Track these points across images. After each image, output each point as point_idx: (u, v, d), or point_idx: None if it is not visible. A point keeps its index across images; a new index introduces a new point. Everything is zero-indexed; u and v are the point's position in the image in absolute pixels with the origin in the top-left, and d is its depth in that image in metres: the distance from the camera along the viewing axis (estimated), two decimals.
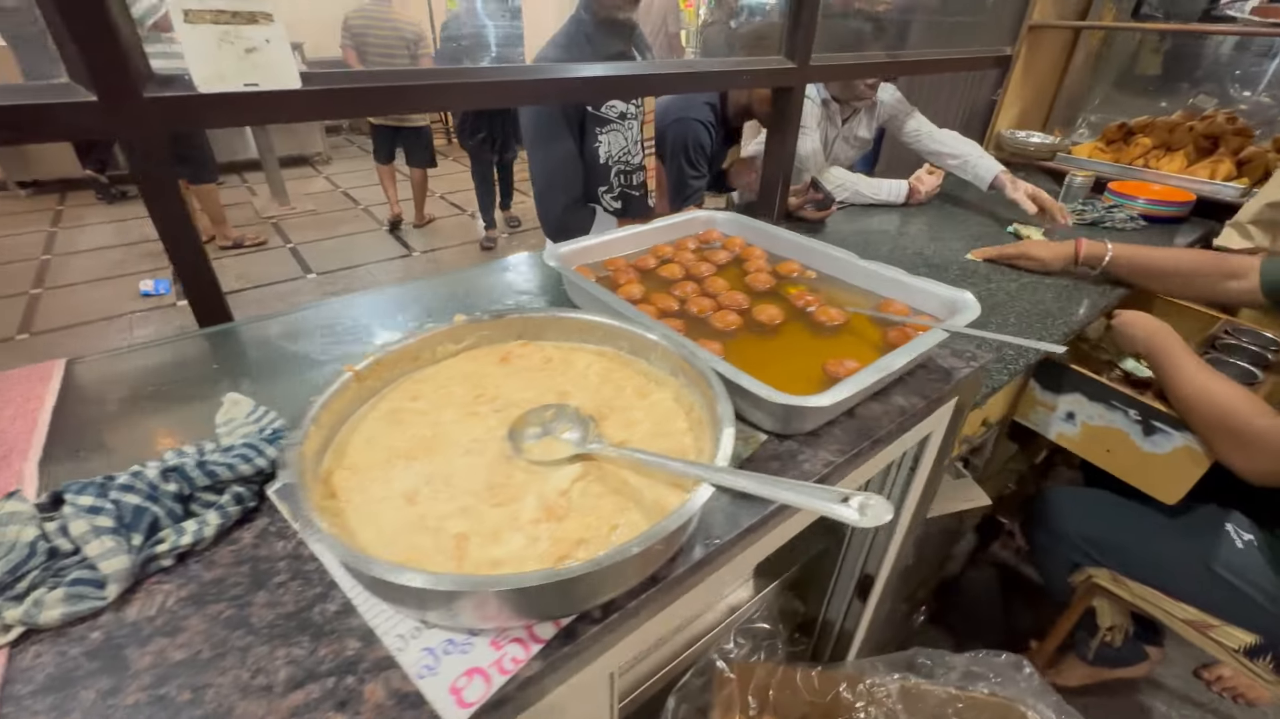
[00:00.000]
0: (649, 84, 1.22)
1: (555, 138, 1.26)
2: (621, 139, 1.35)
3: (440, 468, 0.49)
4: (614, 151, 1.35)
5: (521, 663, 0.39)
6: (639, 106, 1.38)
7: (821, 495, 0.40)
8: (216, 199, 3.90)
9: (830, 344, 0.71)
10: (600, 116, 1.29)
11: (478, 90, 0.96)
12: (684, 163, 1.67)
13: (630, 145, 1.38)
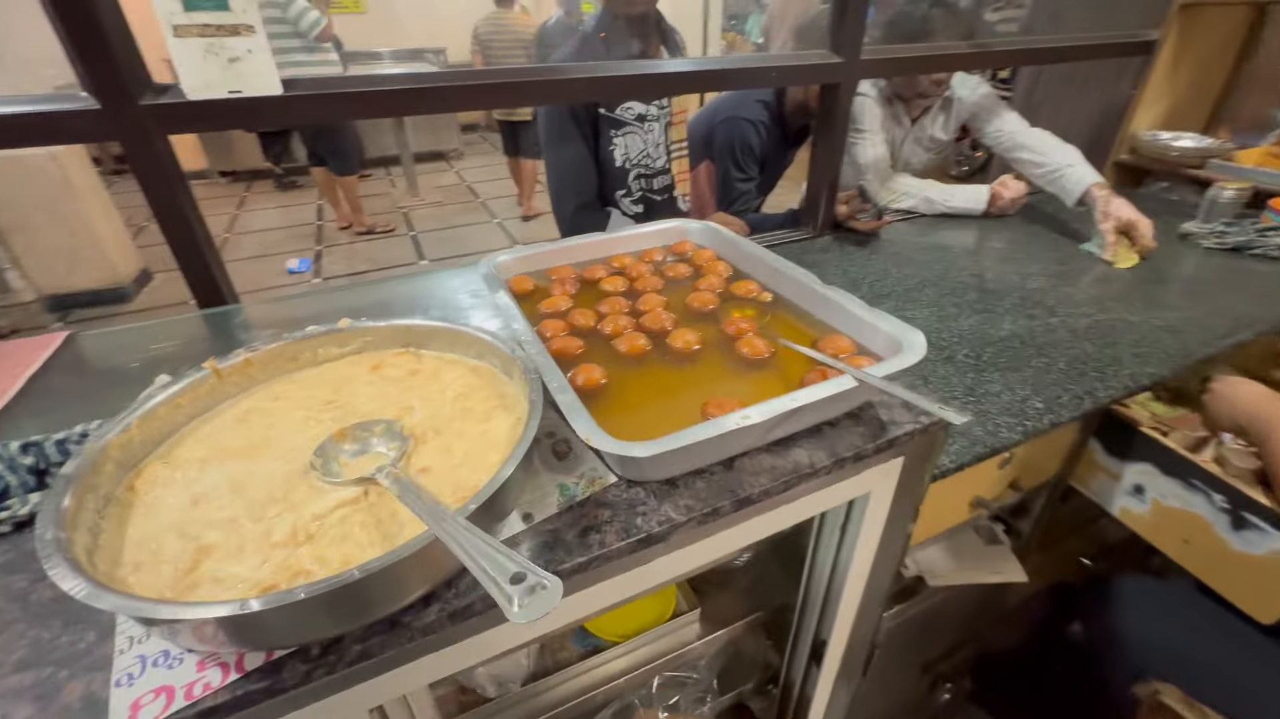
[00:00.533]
0: (665, 84, 1.16)
1: (565, 140, 1.25)
2: (640, 142, 1.30)
3: (244, 473, 0.49)
4: (632, 155, 1.31)
5: (211, 690, 0.38)
6: (663, 108, 1.32)
7: (494, 559, 0.34)
8: (356, 190, 4.39)
9: (735, 380, 0.62)
10: (614, 119, 1.26)
11: (467, 93, 0.97)
12: (731, 164, 1.58)
13: (651, 149, 1.32)
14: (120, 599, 0.35)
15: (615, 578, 0.51)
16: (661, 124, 1.31)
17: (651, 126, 1.30)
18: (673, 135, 1.36)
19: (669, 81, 1.15)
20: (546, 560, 0.46)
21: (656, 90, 1.22)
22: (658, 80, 1.12)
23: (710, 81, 1.19)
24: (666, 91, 1.28)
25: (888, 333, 0.62)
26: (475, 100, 0.96)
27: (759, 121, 1.55)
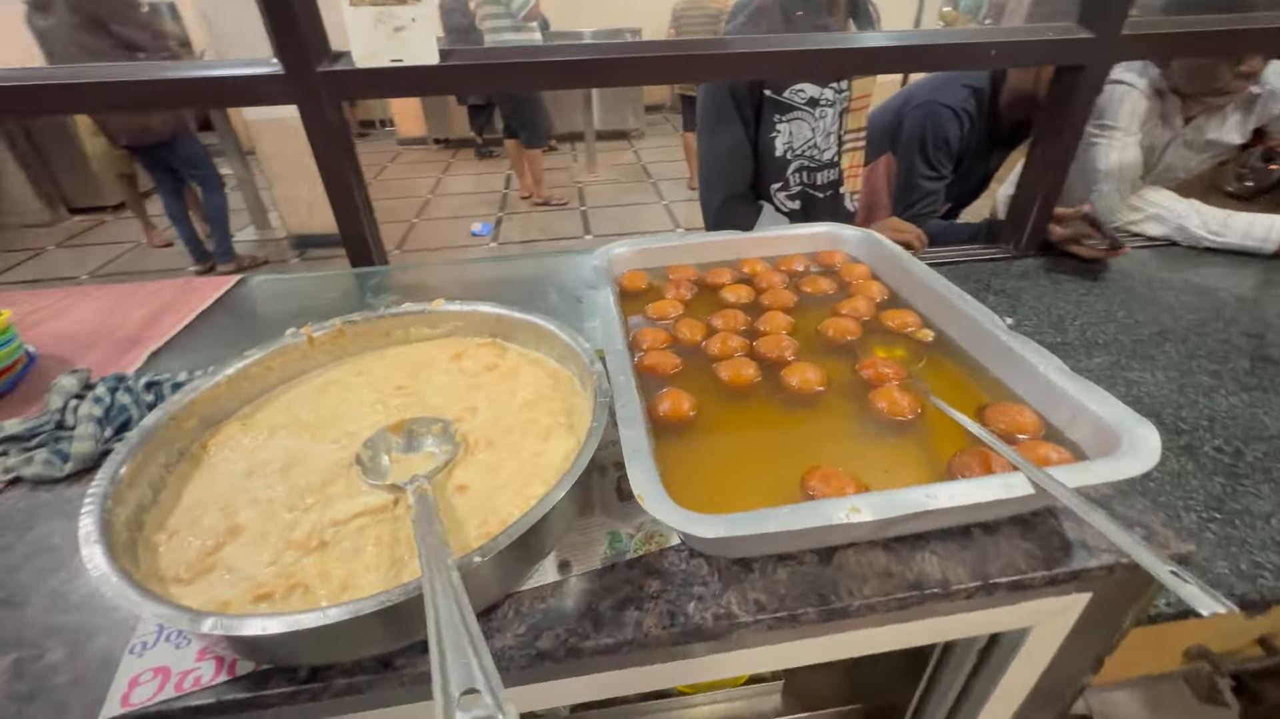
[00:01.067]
0: (843, 61, 0.99)
1: (722, 123, 1.13)
2: (808, 129, 1.14)
3: (301, 452, 0.48)
4: (796, 144, 1.15)
5: (199, 686, 0.36)
6: (841, 92, 1.13)
7: (460, 649, 0.26)
8: (540, 163, 4.65)
9: (860, 443, 0.48)
10: (782, 102, 1.11)
11: (606, 67, 0.90)
12: (917, 157, 1.34)
13: (820, 138, 1.15)
14: (121, 585, 0.33)
15: (651, 666, 0.41)
16: (836, 110, 1.14)
17: (824, 113, 1.13)
18: (849, 124, 1.18)
19: (849, 59, 0.98)
20: (564, 631, 0.38)
21: (831, 68, 1.05)
22: (834, 57, 0.96)
23: (903, 60, 0.99)
24: (843, 70, 1.10)
25: (1098, 417, 0.43)
26: (615, 76, 0.89)
27: (962, 110, 1.29)
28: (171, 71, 0.84)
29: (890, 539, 0.44)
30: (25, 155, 4.32)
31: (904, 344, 0.60)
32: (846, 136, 1.19)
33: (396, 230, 4.41)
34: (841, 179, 1.23)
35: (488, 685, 0.25)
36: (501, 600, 0.40)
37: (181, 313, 0.80)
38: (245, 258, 3.85)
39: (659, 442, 0.48)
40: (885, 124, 1.45)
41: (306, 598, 0.36)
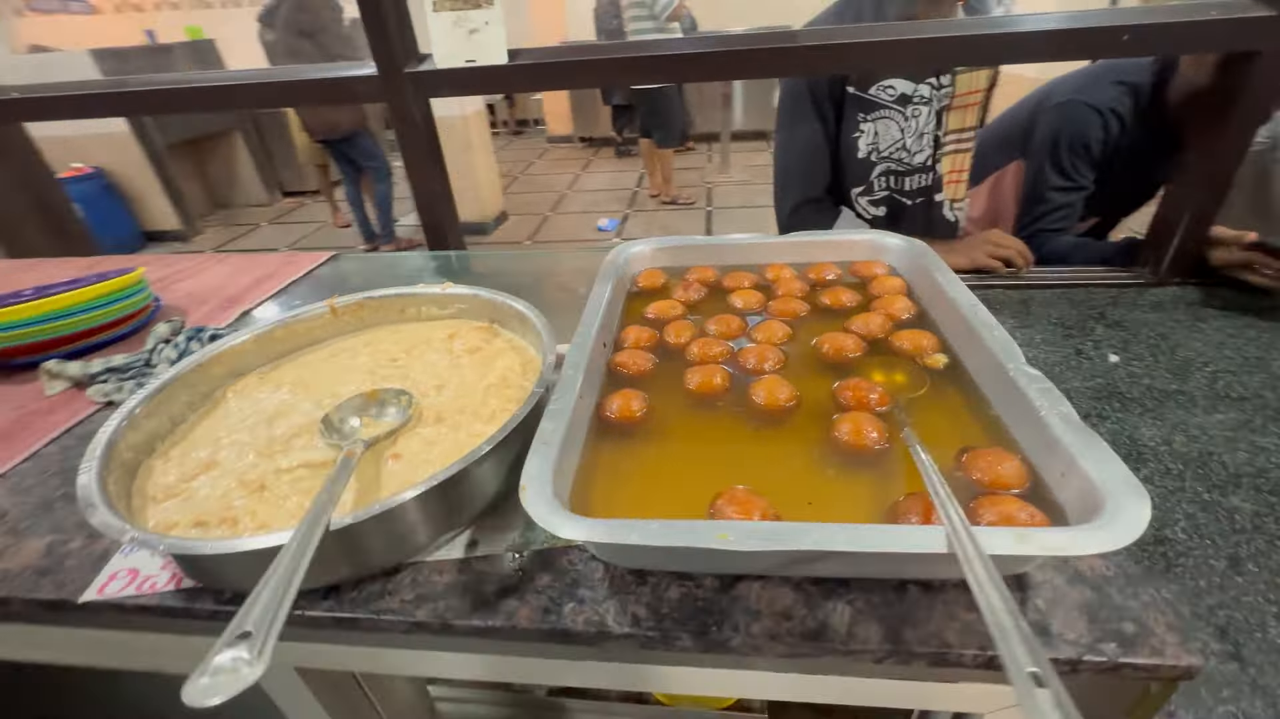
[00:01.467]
0: (933, 51, 0.88)
1: (797, 122, 1.06)
2: (896, 130, 1.03)
3: (289, 406, 0.54)
4: (882, 145, 1.05)
5: (154, 590, 0.43)
6: (940, 88, 1.01)
7: (274, 595, 0.28)
8: (670, 162, 4.71)
9: (807, 471, 0.44)
10: (866, 99, 1.01)
11: (646, 65, 0.89)
12: (1048, 164, 1.17)
13: (911, 139, 1.04)
14: (99, 513, 0.40)
15: (524, 658, 0.41)
16: (932, 109, 1.02)
17: (917, 111, 1.02)
18: (950, 123, 1.05)
19: (938, 49, 0.86)
20: (443, 607, 0.39)
21: (912, 60, 0.92)
22: (918, 48, 0.85)
23: (1002, 49, 0.86)
24: (932, 62, 0.97)
25: (1087, 475, 0.35)
26: (677, 72, 0.88)
27: (1110, 110, 1.10)
28: (294, 75, 0.98)
29: (807, 579, 0.39)
30: (255, 149, 5.26)
31: (908, 369, 0.53)
32: (947, 138, 1.07)
33: (531, 223, 4.71)
34: (938, 185, 1.10)
35: (265, 630, 0.27)
36: (403, 566, 0.42)
37: (278, 281, 0.93)
38: (404, 240, 4.36)
39: (602, 440, 0.47)
40: (1017, 126, 1.28)
41: (231, 530, 0.41)
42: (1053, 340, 0.83)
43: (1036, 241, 1.20)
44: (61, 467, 0.56)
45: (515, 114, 7.59)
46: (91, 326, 0.71)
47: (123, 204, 4.54)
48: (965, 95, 1.05)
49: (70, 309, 0.69)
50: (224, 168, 5.37)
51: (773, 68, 0.92)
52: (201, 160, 5.23)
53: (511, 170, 6.04)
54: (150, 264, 0.98)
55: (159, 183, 4.57)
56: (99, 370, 0.66)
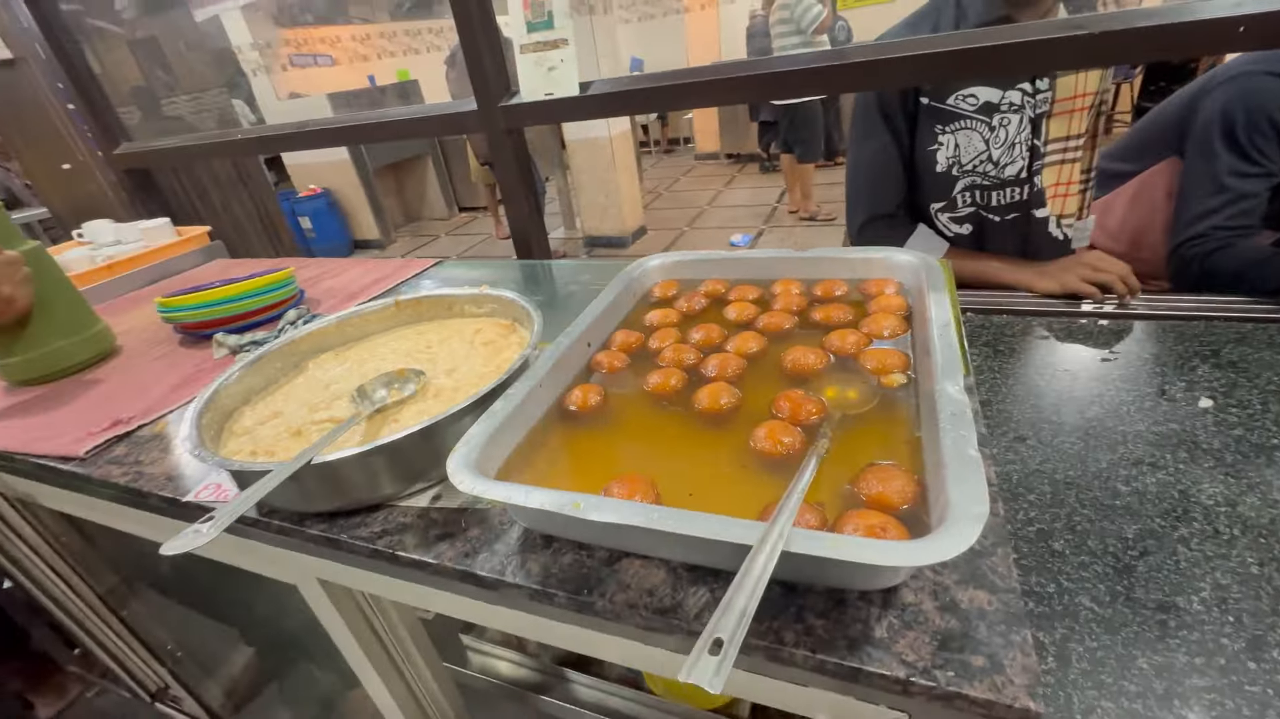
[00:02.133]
0: (1013, 58, 0.81)
1: (867, 135, 1.02)
2: (979, 141, 0.95)
3: (342, 377, 0.68)
4: (965, 158, 0.97)
5: (219, 496, 0.58)
6: (1037, 94, 0.92)
7: (247, 500, 0.39)
8: (810, 178, 4.60)
9: (711, 469, 0.46)
10: (943, 110, 0.95)
11: (690, 91, 0.93)
12: (1221, 146, 1.01)
13: (1000, 150, 0.95)
14: (194, 448, 0.56)
15: (443, 592, 0.49)
16: (1025, 116, 0.93)
17: (1006, 120, 0.94)
18: (1052, 131, 0.95)
19: (1019, 55, 0.80)
20: (395, 542, 0.49)
21: (995, 67, 0.86)
22: (996, 55, 0.80)
23: (1092, 50, 0.77)
24: (1009, 68, 0.88)
25: (949, 497, 0.35)
26: (727, 95, 0.92)
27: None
28: (420, 113, 1.19)
29: (685, 565, 0.42)
30: (440, 170, 6.11)
31: (861, 385, 0.52)
32: (1049, 147, 0.97)
33: (668, 237, 4.88)
34: (1038, 200, 1.00)
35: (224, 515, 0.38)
36: (378, 505, 0.53)
37: (391, 281, 1.13)
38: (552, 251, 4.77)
39: (554, 425, 0.54)
40: (1169, 121, 1.12)
41: (269, 458, 0.55)
42: (1134, 378, 0.73)
43: (1196, 253, 1.03)
44: None
45: (667, 133, 7.89)
46: (249, 310, 0.94)
47: (340, 218, 5.54)
48: (1069, 100, 0.95)
49: (235, 296, 0.92)
50: (416, 187, 6.29)
51: (838, 83, 0.92)
52: (400, 181, 6.19)
53: (656, 187, 6.30)
54: (308, 266, 1.24)
55: (367, 200, 5.50)
56: (246, 343, 0.88)
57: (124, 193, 1.61)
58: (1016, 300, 0.93)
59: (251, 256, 1.95)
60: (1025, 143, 0.96)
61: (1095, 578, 0.49)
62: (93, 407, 0.79)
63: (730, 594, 0.30)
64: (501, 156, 1.14)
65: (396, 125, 1.21)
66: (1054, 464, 0.61)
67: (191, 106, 2.28)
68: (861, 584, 0.38)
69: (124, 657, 1.29)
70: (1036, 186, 0.99)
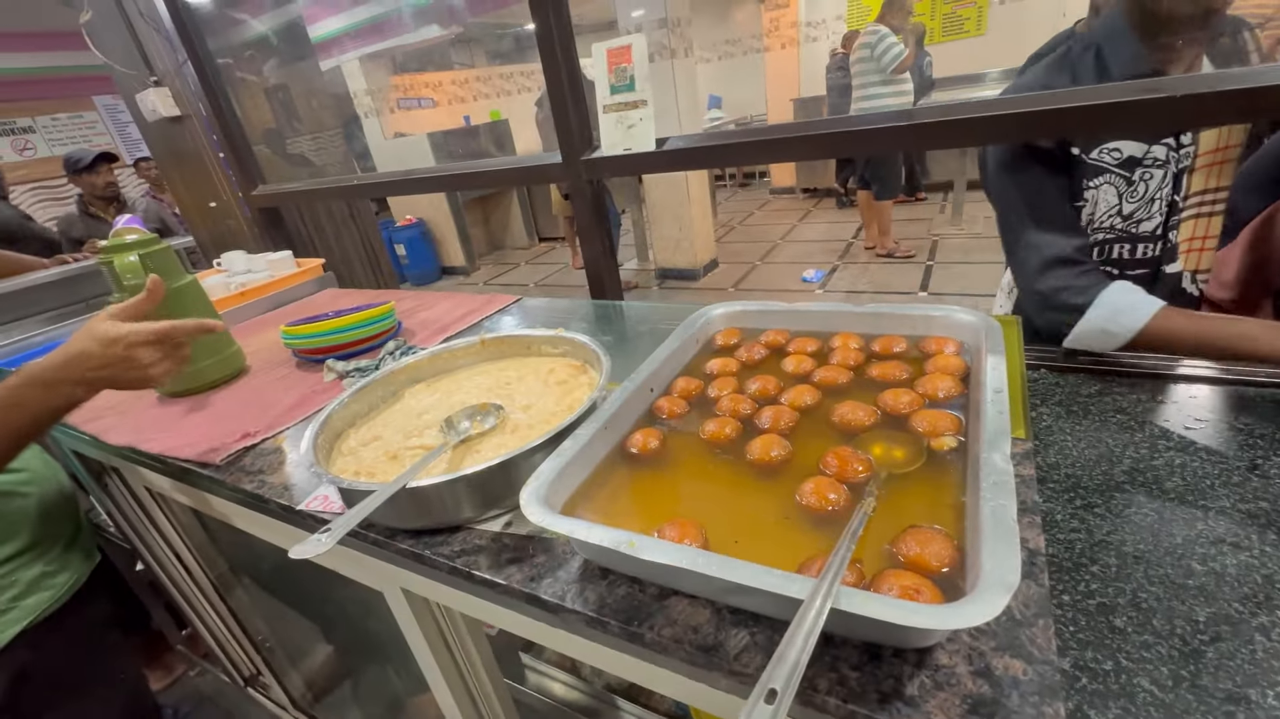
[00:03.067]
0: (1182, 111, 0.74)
1: (1026, 166, 0.95)
2: (1113, 195, 0.90)
3: (432, 406, 0.77)
4: (1100, 213, 0.93)
5: (331, 511, 0.67)
6: (1181, 148, 0.88)
7: (352, 516, 0.46)
8: (888, 215, 4.51)
9: (759, 520, 0.50)
10: (1090, 164, 0.91)
11: (801, 145, 0.97)
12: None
13: (1134, 205, 0.91)
14: (307, 451, 0.65)
15: (509, 611, 0.54)
16: (1169, 172, 0.90)
17: (1148, 175, 0.90)
18: (1192, 185, 0.91)
19: (1183, 109, 0.74)
20: (471, 561, 0.55)
21: (1137, 122, 0.81)
22: (1157, 109, 0.75)
23: (1261, 105, 0.72)
24: (1161, 124, 0.84)
25: (982, 565, 0.37)
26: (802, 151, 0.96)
27: None
28: (509, 164, 1.31)
29: (729, 607, 0.46)
30: (524, 203, 6.46)
31: (912, 447, 0.54)
32: (1188, 202, 0.93)
33: (739, 270, 4.91)
34: (1170, 255, 0.96)
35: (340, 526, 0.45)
36: (459, 526, 0.59)
37: (478, 315, 1.23)
38: (625, 281, 4.91)
39: (616, 466, 0.59)
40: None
41: (370, 479, 0.63)
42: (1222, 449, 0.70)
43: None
44: None
45: (743, 168, 7.98)
46: (356, 339, 1.06)
47: (431, 246, 5.95)
48: (1212, 154, 0.91)
49: (344, 327, 1.04)
50: (501, 218, 6.68)
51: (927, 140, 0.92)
52: (486, 212, 6.59)
53: (730, 220, 6.36)
54: (404, 299, 1.38)
55: (456, 230, 5.90)
56: (351, 369, 1.00)
57: (256, 228, 1.85)
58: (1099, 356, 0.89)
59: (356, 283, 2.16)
60: (1165, 198, 0.92)
61: (1158, 659, 0.48)
62: (226, 419, 0.92)
63: (783, 647, 0.33)
64: (580, 203, 1.23)
65: (490, 175, 1.34)
66: (1123, 535, 0.60)
67: (312, 145, 2.58)
68: (896, 641, 0.40)
69: (225, 641, 1.44)
70: (1170, 242, 0.95)
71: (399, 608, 0.72)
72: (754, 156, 1.01)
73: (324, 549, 0.44)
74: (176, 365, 0.77)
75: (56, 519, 1.05)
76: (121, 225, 1.02)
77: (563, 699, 0.91)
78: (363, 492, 0.55)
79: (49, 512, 1.03)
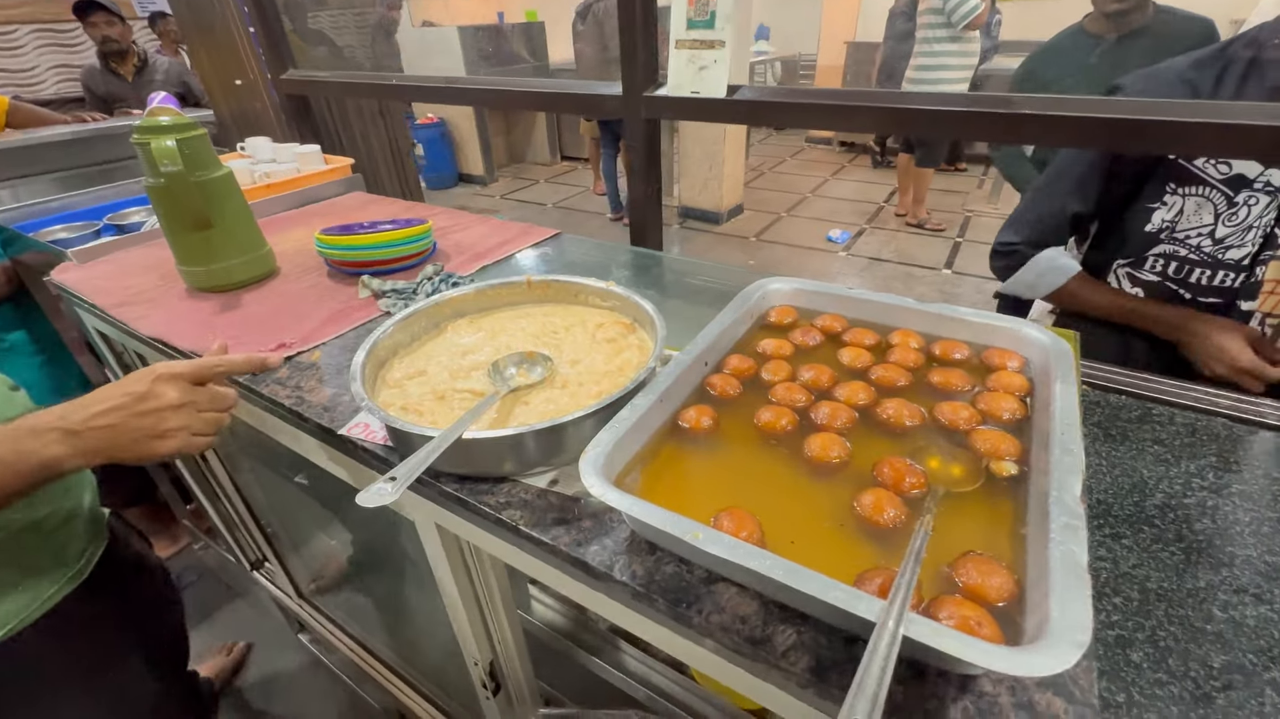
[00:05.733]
0: None
1: (1064, 188, 0.96)
2: (1209, 214, 0.85)
3: (476, 346, 0.75)
4: (1181, 225, 0.89)
5: (370, 439, 0.67)
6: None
7: (417, 459, 0.46)
8: (926, 183, 4.36)
9: (815, 523, 0.50)
10: (1187, 171, 0.87)
11: (886, 116, 0.91)
12: None
13: (1229, 229, 0.86)
14: (356, 385, 0.65)
15: (553, 569, 0.56)
16: (1276, 203, 0.85)
17: (1254, 199, 0.85)
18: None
19: None
20: (517, 515, 0.56)
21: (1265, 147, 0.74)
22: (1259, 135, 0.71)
23: None
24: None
25: (1049, 610, 0.37)
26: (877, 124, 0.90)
27: None
28: (562, 88, 1.23)
29: (775, 601, 0.47)
30: (550, 117, 6.17)
31: (968, 465, 0.54)
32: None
33: (764, 220, 4.79)
34: (1250, 291, 0.92)
35: (402, 477, 0.45)
36: (504, 477, 0.60)
37: (514, 246, 1.20)
38: None
39: (668, 440, 0.59)
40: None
41: (417, 418, 0.63)
42: (1257, 496, 0.70)
43: None
44: (354, 344, 0.86)
45: None
46: (393, 257, 1.03)
47: (450, 149, 5.73)
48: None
49: (383, 244, 1.01)
50: (524, 130, 6.40)
51: (1030, 135, 0.86)
52: (509, 122, 6.31)
53: (760, 165, 6.13)
54: (438, 216, 1.33)
55: (478, 135, 5.66)
56: (388, 289, 0.98)
57: (283, 115, 1.76)
58: (1144, 382, 0.88)
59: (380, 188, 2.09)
60: (1264, 228, 0.88)
61: (1170, 699, 0.50)
62: (260, 325, 0.91)
63: (861, 675, 0.33)
64: (635, 142, 1.17)
65: (538, 97, 1.26)
66: (1147, 571, 0.61)
67: (331, 23, 2.43)
68: (948, 665, 0.41)
69: (234, 524, 1.49)
70: (1256, 277, 0.91)
71: (429, 538, 0.73)
72: (834, 122, 0.95)
73: (392, 498, 0.44)
74: (205, 428, 0.62)
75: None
76: (157, 104, 0.96)
77: (566, 633, 0.96)
78: (415, 435, 0.55)
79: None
